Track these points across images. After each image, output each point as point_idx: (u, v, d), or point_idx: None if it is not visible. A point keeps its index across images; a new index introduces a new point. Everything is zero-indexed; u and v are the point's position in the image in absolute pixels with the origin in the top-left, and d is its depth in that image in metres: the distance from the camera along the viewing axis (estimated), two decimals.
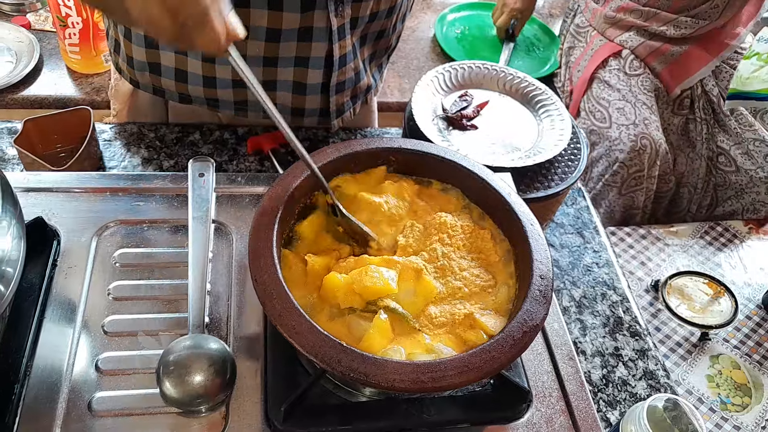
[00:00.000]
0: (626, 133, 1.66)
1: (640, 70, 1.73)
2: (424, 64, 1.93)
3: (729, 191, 1.80)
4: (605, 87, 1.76)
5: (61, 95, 1.60)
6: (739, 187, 1.77)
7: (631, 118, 1.67)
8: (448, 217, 0.69)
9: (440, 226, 0.69)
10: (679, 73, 1.73)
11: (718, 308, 1.45)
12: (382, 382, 0.52)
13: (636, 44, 1.74)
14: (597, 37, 1.81)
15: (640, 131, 1.64)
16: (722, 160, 1.78)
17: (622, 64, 1.75)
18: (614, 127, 1.69)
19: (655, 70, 1.75)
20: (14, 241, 0.60)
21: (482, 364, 0.54)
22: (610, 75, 1.76)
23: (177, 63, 0.96)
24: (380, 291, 0.61)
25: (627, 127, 1.67)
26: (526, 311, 0.58)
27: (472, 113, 1.04)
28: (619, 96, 1.72)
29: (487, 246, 0.68)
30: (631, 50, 1.74)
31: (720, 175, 1.79)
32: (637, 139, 1.64)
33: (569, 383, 0.68)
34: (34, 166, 0.87)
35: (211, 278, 0.72)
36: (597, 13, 1.81)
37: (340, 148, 0.71)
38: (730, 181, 1.78)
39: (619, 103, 1.71)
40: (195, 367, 0.59)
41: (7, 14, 1.79)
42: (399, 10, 1.01)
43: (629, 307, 0.94)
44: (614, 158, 1.68)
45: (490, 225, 0.72)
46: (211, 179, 0.76)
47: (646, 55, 1.74)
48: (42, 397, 0.61)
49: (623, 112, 1.69)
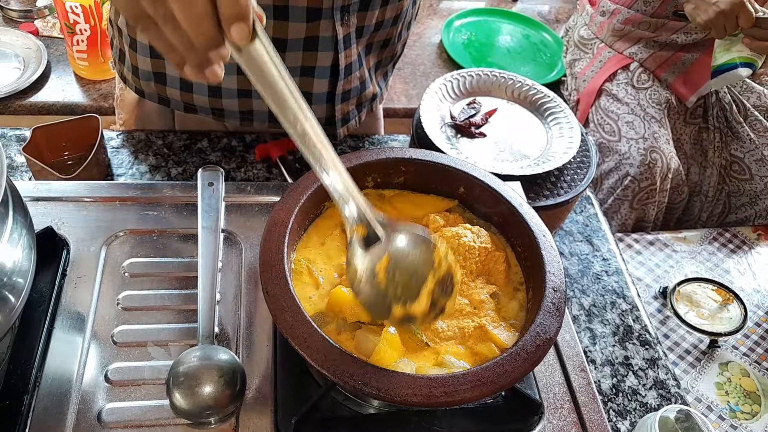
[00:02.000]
0: (635, 147, 1.66)
1: (649, 83, 1.73)
2: (431, 71, 1.93)
3: (743, 198, 1.79)
4: (613, 100, 1.75)
5: (69, 101, 1.60)
6: (753, 194, 1.76)
7: (640, 132, 1.66)
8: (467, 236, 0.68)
9: (458, 248, 0.67)
10: (694, 81, 1.72)
11: (727, 315, 1.44)
12: (395, 397, 0.52)
13: (646, 56, 1.73)
14: (605, 49, 1.81)
15: (649, 145, 1.64)
16: (736, 168, 1.77)
17: (630, 78, 1.74)
18: (623, 141, 1.68)
19: (666, 81, 1.74)
20: (25, 252, 0.60)
21: (495, 378, 0.54)
22: (618, 89, 1.75)
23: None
24: None
25: (636, 141, 1.66)
26: (539, 324, 0.58)
27: (481, 121, 1.03)
28: (627, 110, 1.71)
29: (499, 268, 0.68)
30: (641, 63, 1.74)
31: (733, 183, 1.78)
32: (647, 153, 1.63)
33: (581, 395, 0.68)
34: (43, 174, 0.87)
35: (221, 288, 0.72)
36: (604, 26, 1.81)
37: (351, 158, 0.71)
38: (744, 189, 1.77)
39: (627, 116, 1.70)
40: (205, 378, 0.59)
41: (15, 21, 1.80)
42: (405, 18, 1.01)
43: (639, 316, 0.94)
44: (624, 172, 1.68)
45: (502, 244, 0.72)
46: (220, 188, 0.76)
47: (656, 66, 1.73)
48: (51, 408, 0.61)
49: (632, 126, 1.68)
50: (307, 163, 0.53)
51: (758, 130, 1.72)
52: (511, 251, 0.71)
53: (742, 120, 1.73)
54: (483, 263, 0.67)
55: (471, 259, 0.66)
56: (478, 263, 0.67)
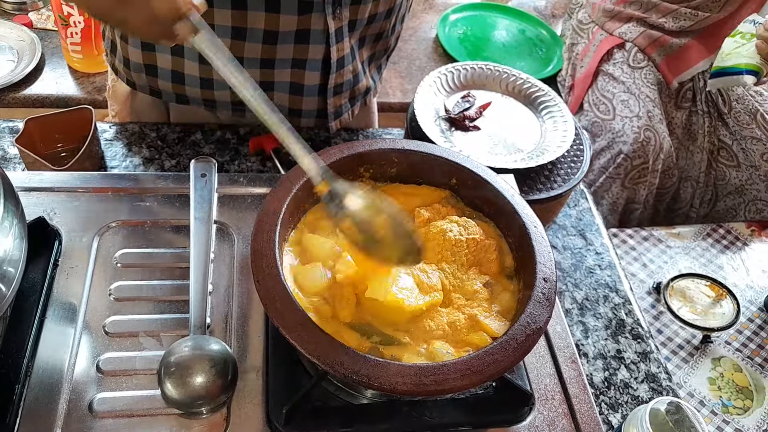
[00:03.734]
0: (630, 125, 1.66)
1: (644, 63, 1.73)
2: (426, 65, 1.93)
3: (729, 186, 1.79)
4: (610, 80, 1.75)
5: (63, 94, 1.60)
6: (739, 183, 1.77)
7: (635, 111, 1.67)
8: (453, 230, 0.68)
9: (444, 243, 0.67)
10: (677, 66, 1.72)
11: (720, 311, 1.44)
12: (385, 385, 0.52)
13: (636, 35, 1.73)
14: (599, 32, 1.81)
15: (644, 123, 1.64)
16: (723, 154, 1.77)
17: (627, 57, 1.74)
18: (618, 119, 1.68)
19: (655, 62, 1.74)
20: (16, 241, 0.60)
21: (485, 367, 0.54)
22: (614, 68, 1.75)
23: (173, 65, 0.95)
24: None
25: (631, 119, 1.66)
26: (529, 314, 0.58)
27: (475, 114, 1.03)
28: (623, 88, 1.71)
29: (490, 257, 0.68)
30: (632, 41, 1.74)
31: (720, 169, 1.79)
32: (640, 131, 1.63)
33: (572, 386, 0.68)
34: (36, 166, 0.87)
35: (213, 279, 0.72)
36: (597, 8, 1.81)
37: (344, 149, 0.71)
38: (731, 175, 1.77)
39: (623, 95, 1.70)
40: (196, 368, 0.59)
41: (9, 13, 1.79)
42: (398, 11, 1.00)
43: (631, 310, 0.94)
44: (617, 150, 1.68)
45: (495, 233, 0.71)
46: (213, 180, 0.75)
47: (647, 45, 1.73)
48: (43, 398, 0.61)
49: (627, 104, 1.68)
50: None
51: (742, 123, 1.72)
52: (501, 238, 0.71)
53: (728, 111, 1.74)
54: (473, 254, 0.67)
55: (460, 252, 0.66)
56: (468, 255, 0.67)
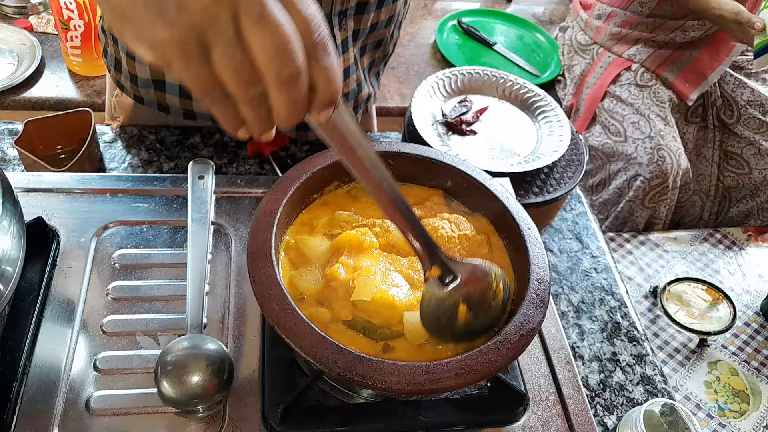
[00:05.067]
0: (642, 147, 1.66)
1: (652, 82, 1.73)
2: (425, 70, 1.94)
3: (743, 191, 1.80)
4: (617, 102, 1.76)
5: (63, 97, 1.60)
6: (753, 186, 1.78)
7: (646, 132, 1.67)
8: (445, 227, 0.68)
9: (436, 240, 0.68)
10: (695, 79, 1.73)
11: (717, 315, 1.45)
12: (379, 384, 0.52)
13: (645, 57, 1.74)
14: (605, 54, 1.81)
15: (656, 144, 1.64)
16: (733, 163, 1.78)
17: (634, 77, 1.75)
18: (630, 142, 1.69)
19: (667, 81, 1.75)
20: (14, 241, 0.61)
21: (479, 367, 0.54)
22: (621, 89, 1.75)
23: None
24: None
25: (643, 141, 1.67)
26: (523, 314, 0.58)
27: (472, 118, 1.04)
28: (632, 110, 1.72)
29: (482, 251, 0.69)
30: (641, 63, 1.75)
31: (731, 177, 1.80)
32: (654, 152, 1.64)
33: (566, 387, 0.69)
34: (35, 167, 0.88)
35: (210, 279, 0.72)
36: (601, 30, 1.81)
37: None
38: (744, 182, 1.78)
39: (633, 117, 1.71)
40: (193, 367, 0.59)
41: (10, 17, 1.80)
42: (397, 18, 1.01)
43: (627, 313, 0.95)
44: (634, 173, 1.68)
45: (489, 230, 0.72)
46: (210, 181, 0.76)
47: (657, 66, 1.74)
48: (40, 396, 0.61)
49: (638, 126, 1.69)
50: (299, 158, 0.54)
51: (753, 128, 1.73)
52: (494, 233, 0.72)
53: (735, 120, 1.75)
54: (466, 249, 0.68)
55: (453, 249, 0.67)
56: (461, 250, 0.67)
